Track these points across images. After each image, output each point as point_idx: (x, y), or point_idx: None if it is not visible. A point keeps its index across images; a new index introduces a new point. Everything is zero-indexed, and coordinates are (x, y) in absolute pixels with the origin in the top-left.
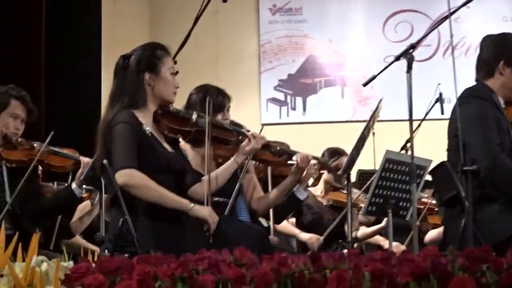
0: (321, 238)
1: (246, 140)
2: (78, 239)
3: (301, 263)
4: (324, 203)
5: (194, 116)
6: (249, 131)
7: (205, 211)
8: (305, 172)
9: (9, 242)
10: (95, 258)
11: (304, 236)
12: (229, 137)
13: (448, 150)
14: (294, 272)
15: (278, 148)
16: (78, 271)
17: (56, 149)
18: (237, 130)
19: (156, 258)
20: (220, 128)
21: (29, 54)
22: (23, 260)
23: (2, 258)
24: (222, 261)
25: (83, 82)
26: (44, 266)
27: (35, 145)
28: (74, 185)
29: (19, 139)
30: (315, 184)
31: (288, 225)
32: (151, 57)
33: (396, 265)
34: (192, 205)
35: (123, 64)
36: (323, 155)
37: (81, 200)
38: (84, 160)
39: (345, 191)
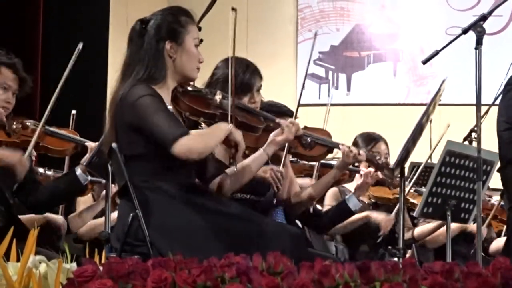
0: (392, 215)
1: (279, 129)
2: None
3: (347, 273)
4: (366, 202)
5: (218, 97)
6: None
7: (239, 133)
8: (361, 179)
9: (2, 237)
10: (103, 260)
11: (378, 216)
12: (257, 123)
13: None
14: (339, 284)
15: (309, 139)
16: (83, 275)
17: (53, 129)
18: (265, 116)
19: (175, 261)
20: (247, 112)
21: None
22: (18, 260)
23: None
24: (253, 268)
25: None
26: (42, 267)
27: (28, 123)
28: (78, 171)
29: (12, 119)
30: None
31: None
32: (173, 23)
33: (459, 279)
34: (230, 126)
35: (140, 29)
36: (355, 142)
37: (86, 188)
38: (92, 145)
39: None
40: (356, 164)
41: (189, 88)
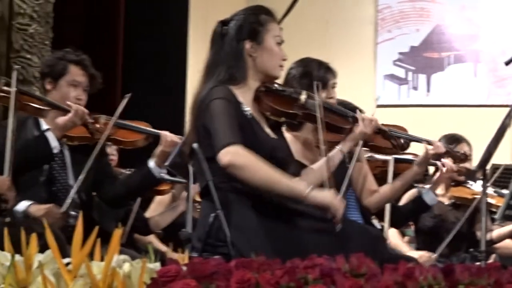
0: (435, 255)
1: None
2: (149, 237)
3: (431, 276)
4: (446, 202)
5: (303, 97)
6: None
7: (327, 196)
8: (438, 173)
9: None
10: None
11: (413, 255)
12: (343, 124)
13: None
14: (422, 286)
15: (402, 140)
16: (167, 275)
17: (124, 122)
18: (353, 116)
19: (258, 262)
20: (333, 113)
21: (108, 15)
22: (102, 259)
23: (79, 256)
24: (336, 270)
25: (167, 50)
26: (126, 267)
27: (100, 119)
28: (151, 164)
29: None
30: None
31: (393, 237)
32: (253, 23)
33: None
34: (309, 189)
35: (221, 31)
36: None
37: (160, 182)
38: (165, 134)
39: (469, 185)
40: None
41: (273, 87)
